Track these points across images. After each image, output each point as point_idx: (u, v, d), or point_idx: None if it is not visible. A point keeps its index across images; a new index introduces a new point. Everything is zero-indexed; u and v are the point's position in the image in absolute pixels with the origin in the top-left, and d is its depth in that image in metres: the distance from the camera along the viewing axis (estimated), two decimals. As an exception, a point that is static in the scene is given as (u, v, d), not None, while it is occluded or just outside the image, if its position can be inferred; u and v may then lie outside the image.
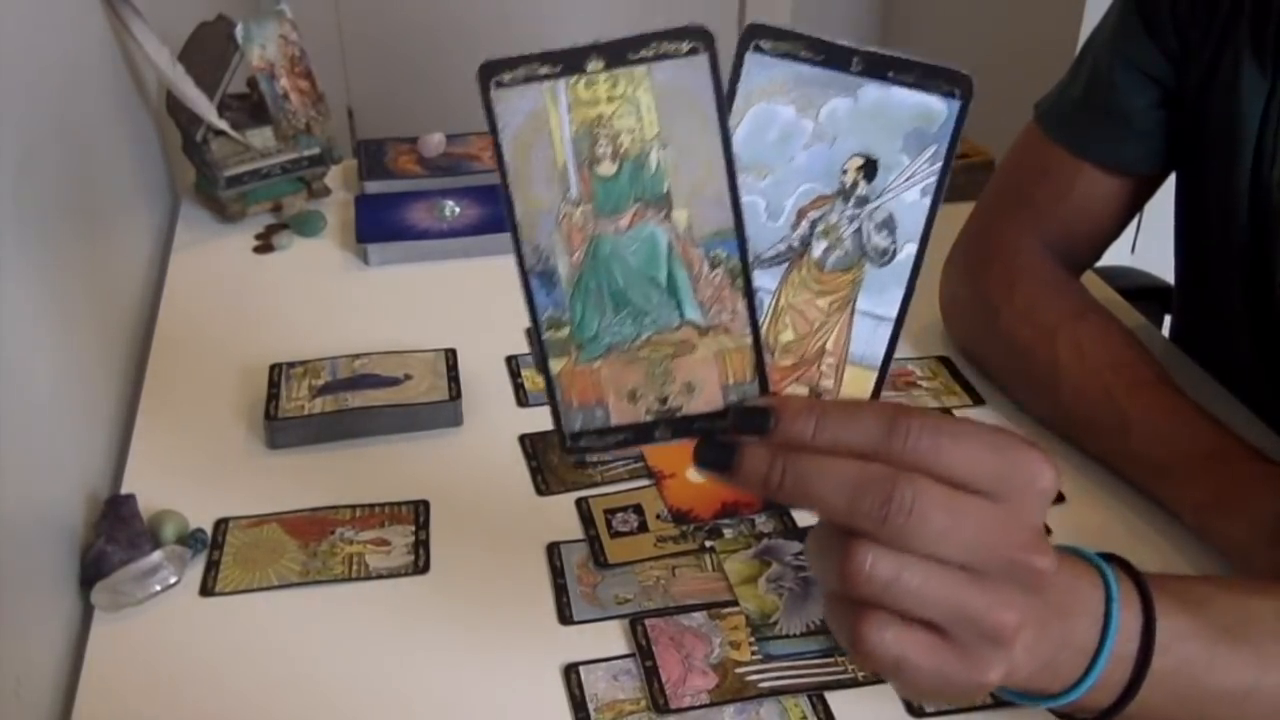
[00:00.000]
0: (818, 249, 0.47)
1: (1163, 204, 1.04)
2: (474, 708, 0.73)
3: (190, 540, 0.83)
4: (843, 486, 0.42)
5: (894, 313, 0.47)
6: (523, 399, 1.00)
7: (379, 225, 1.24)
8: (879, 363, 0.48)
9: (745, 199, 0.45)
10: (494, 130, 0.44)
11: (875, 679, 0.74)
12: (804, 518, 0.87)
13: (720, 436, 0.46)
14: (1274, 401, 0.96)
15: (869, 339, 0.47)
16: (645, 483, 0.90)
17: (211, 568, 0.82)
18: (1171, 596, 0.51)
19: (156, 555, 0.80)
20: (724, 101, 0.44)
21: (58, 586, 0.79)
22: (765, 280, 0.47)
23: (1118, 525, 0.85)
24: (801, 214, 0.46)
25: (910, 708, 0.72)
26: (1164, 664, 0.49)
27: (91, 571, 0.80)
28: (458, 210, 1.25)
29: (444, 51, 2.47)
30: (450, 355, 1.01)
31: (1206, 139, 0.93)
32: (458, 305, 1.13)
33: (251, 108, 1.27)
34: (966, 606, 0.43)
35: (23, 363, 0.80)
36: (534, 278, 0.46)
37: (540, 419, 0.97)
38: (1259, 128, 0.88)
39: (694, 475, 0.91)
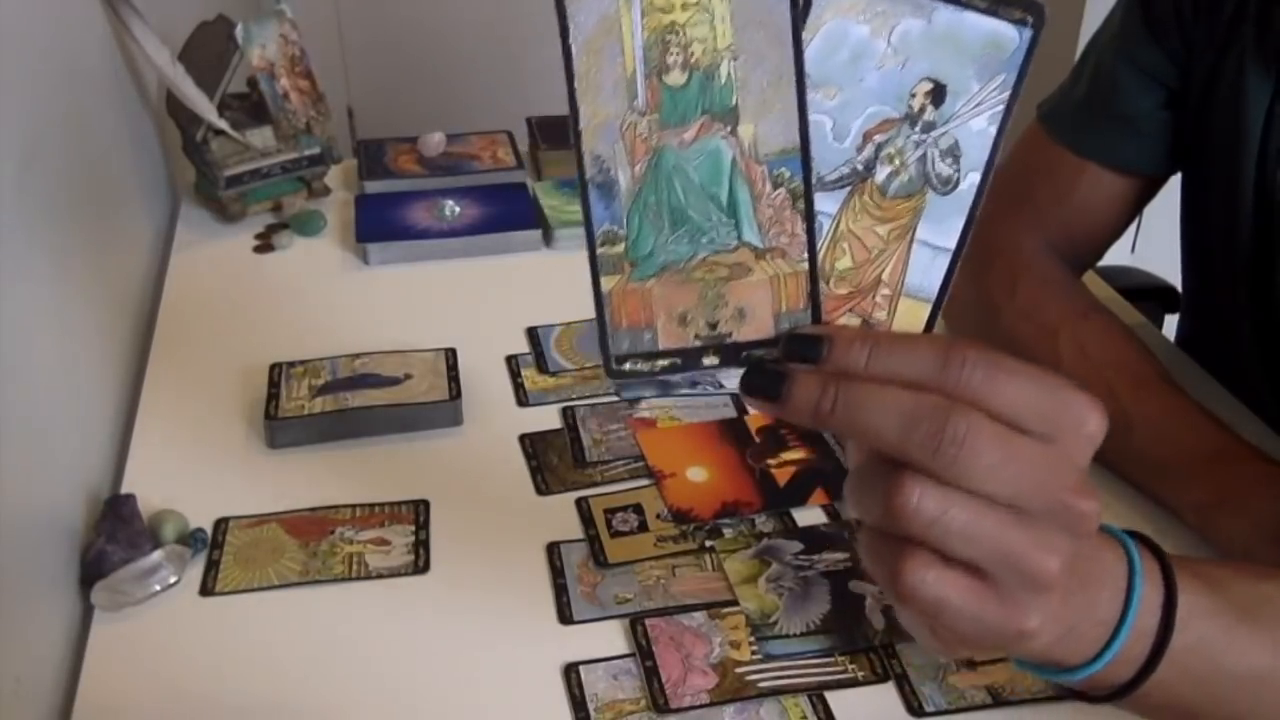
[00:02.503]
0: (881, 174, 0.46)
1: (1163, 204, 1.04)
2: (474, 708, 0.73)
3: (190, 540, 0.83)
4: (895, 416, 0.42)
5: (953, 243, 0.46)
6: (523, 399, 1.00)
7: (379, 225, 1.24)
8: (934, 294, 0.47)
9: (812, 118, 0.44)
10: (564, 33, 0.42)
11: (876, 679, 0.74)
12: (804, 517, 0.87)
13: (770, 364, 0.45)
14: (1277, 403, 0.96)
15: (926, 269, 0.47)
16: (645, 483, 0.90)
17: (211, 567, 0.82)
18: (1192, 575, 0.50)
19: (156, 555, 0.80)
20: (799, 16, 0.43)
21: (58, 586, 0.79)
22: (826, 204, 0.46)
23: (1118, 525, 0.85)
24: (867, 136, 0.45)
25: (910, 707, 0.72)
26: (1183, 641, 0.49)
27: (91, 571, 0.80)
28: (458, 210, 1.25)
29: (444, 51, 2.47)
30: (450, 355, 1.01)
31: (1210, 141, 0.93)
32: (458, 305, 1.13)
33: (251, 108, 1.27)
34: (1011, 547, 0.42)
35: (23, 362, 0.80)
36: (593, 189, 0.44)
37: (540, 419, 0.97)
38: (1263, 130, 0.88)
39: (694, 475, 0.91)
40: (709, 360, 0.46)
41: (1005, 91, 0.45)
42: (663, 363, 0.46)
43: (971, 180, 0.46)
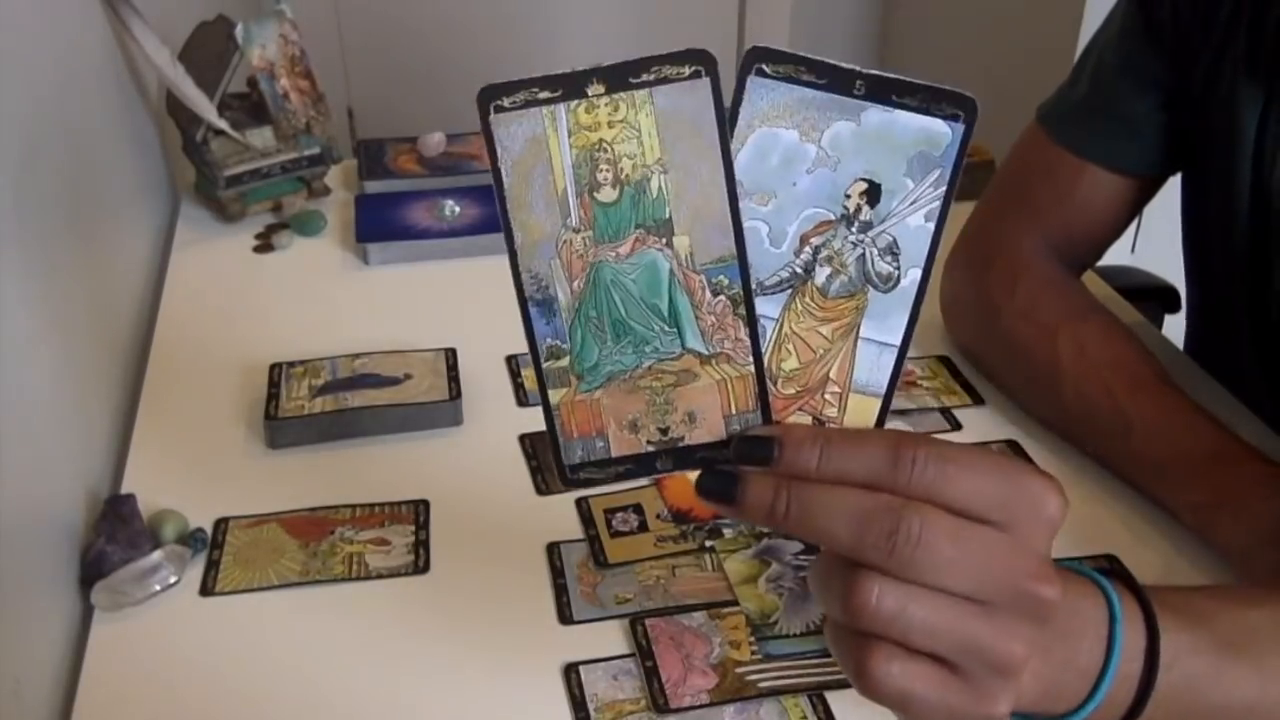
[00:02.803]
0: (821, 275, 0.46)
1: (1163, 204, 1.04)
2: (474, 708, 0.73)
3: (190, 540, 0.83)
4: (848, 518, 0.42)
5: (898, 339, 0.46)
6: (523, 399, 1.00)
7: (379, 225, 1.24)
8: (883, 390, 0.47)
9: (747, 225, 0.45)
10: (493, 156, 0.43)
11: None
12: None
13: (723, 466, 0.45)
14: (1276, 404, 0.96)
15: (873, 366, 0.47)
16: (645, 483, 0.90)
17: (211, 567, 0.82)
18: (1174, 612, 0.50)
19: (156, 555, 0.80)
20: (726, 126, 0.44)
21: (58, 586, 0.79)
22: (768, 308, 0.46)
23: (1118, 525, 0.85)
24: (804, 240, 0.46)
25: (910, 708, 0.72)
26: (1168, 681, 0.49)
27: (91, 571, 0.80)
28: (458, 210, 1.25)
29: (444, 51, 2.47)
30: (450, 355, 1.01)
31: (1208, 142, 0.93)
32: (458, 305, 1.13)
33: (251, 108, 1.27)
34: (974, 638, 0.43)
35: (23, 363, 0.80)
36: (533, 306, 0.45)
37: (540, 419, 0.96)
38: (1257, 135, 0.88)
39: (694, 475, 0.91)
40: (662, 464, 0.46)
41: (941, 186, 0.45)
42: (617, 469, 0.46)
43: (913, 276, 0.46)
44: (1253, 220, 0.90)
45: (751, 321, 0.45)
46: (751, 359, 0.46)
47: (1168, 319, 1.29)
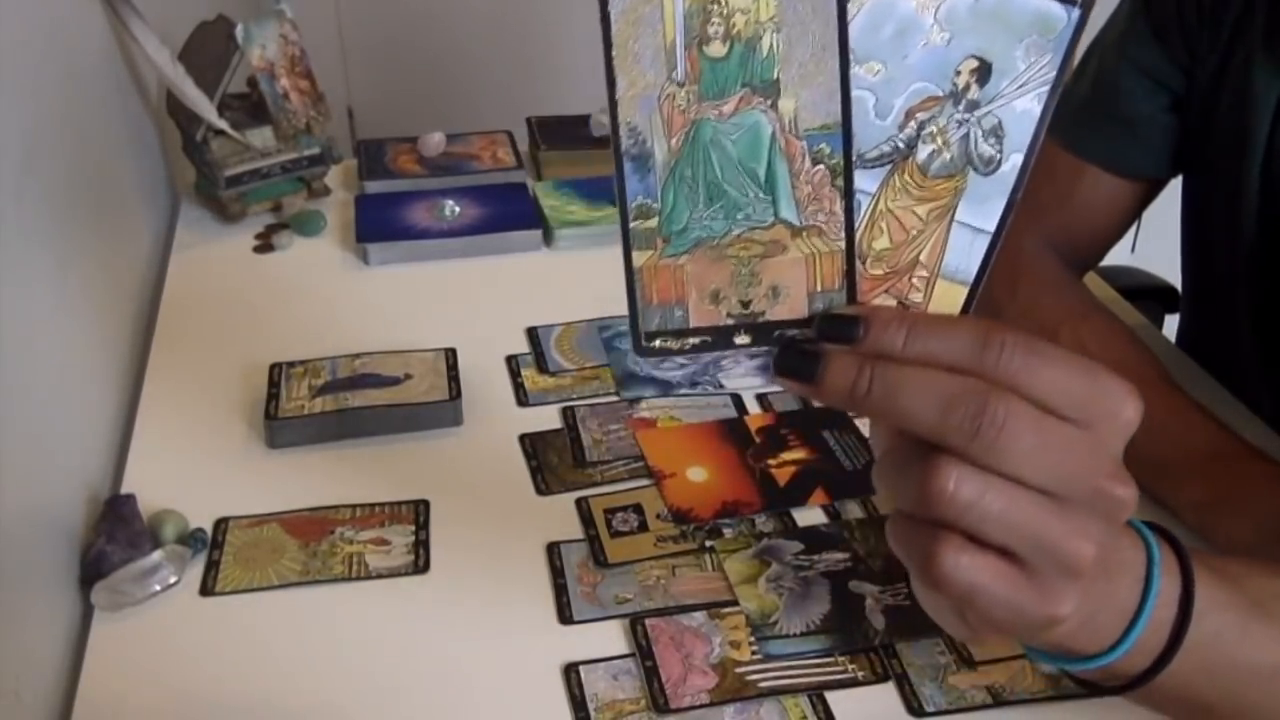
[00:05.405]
0: (923, 152, 0.45)
1: (1163, 204, 1.04)
2: (474, 708, 0.73)
3: (190, 540, 0.83)
4: (933, 399, 0.41)
5: (993, 225, 0.45)
6: (523, 399, 1.00)
7: (379, 225, 1.24)
8: (972, 277, 0.46)
9: (855, 94, 0.43)
10: (603, 1, 0.41)
11: (876, 679, 0.74)
12: (804, 518, 0.87)
13: (805, 344, 0.44)
14: (1277, 403, 0.96)
15: (965, 252, 0.46)
16: (645, 483, 0.90)
17: (211, 567, 0.82)
18: (1208, 569, 0.50)
19: (156, 555, 0.80)
20: None
21: (58, 586, 0.79)
22: (866, 182, 0.45)
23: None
24: (910, 114, 0.45)
25: (910, 707, 0.72)
26: (1200, 632, 0.48)
27: (91, 571, 0.80)
28: (458, 210, 1.25)
29: (444, 51, 2.47)
30: (450, 355, 1.01)
31: (1214, 143, 0.93)
32: (458, 305, 1.13)
33: (251, 108, 1.27)
34: (1048, 533, 0.42)
35: (23, 362, 0.80)
36: (628, 161, 0.43)
37: (540, 419, 0.97)
38: (1270, 128, 0.88)
39: (694, 475, 0.91)
40: (741, 339, 0.45)
41: (1052, 71, 0.44)
42: (693, 340, 0.45)
43: (1014, 161, 0.45)
44: (1261, 216, 0.90)
45: (848, 194, 0.44)
46: (843, 234, 0.44)
47: (1168, 319, 1.29)
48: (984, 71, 0.44)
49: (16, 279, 0.80)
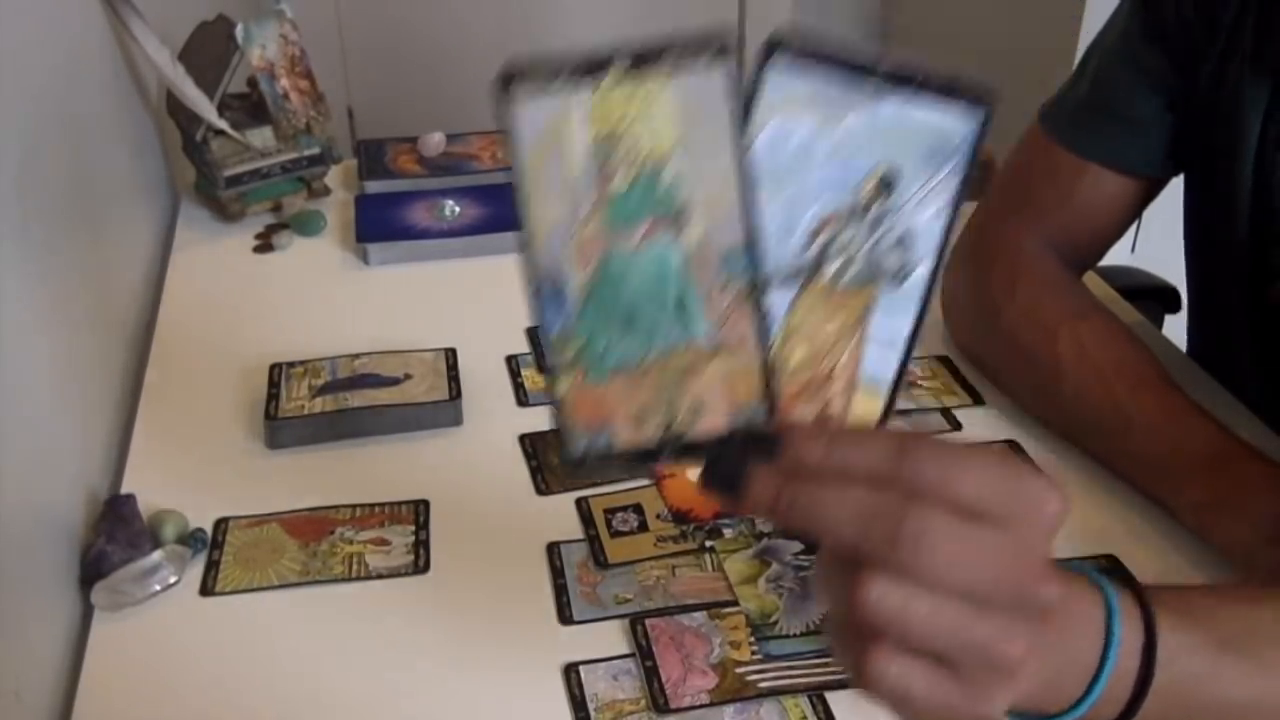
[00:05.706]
0: (831, 268, 0.46)
1: (1163, 204, 1.04)
2: (474, 708, 0.73)
3: (190, 540, 0.83)
4: (852, 515, 0.42)
5: (905, 334, 0.46)
6: (523, 399, 1.00)
7: (379, 225, 1.24)
8: (889, 385, 0.47)
9: (760, 215, 0.44)
10: (510, 140, 0.42)
11: (875, 679, 0.74)
12: (804, 518, 0.87)
13: (727, 461, 0.45)
14: (1277, 404, 0.96)
15: (879, 361, 0.46)
16: (645, 483, 0.90)
17: (211, 568, 0.82)
18: (1172, 610, 0.50)
19: (156, 555, 0.80)
20: (741, 115, 0.43)
21: (58, 586, 0.79)
22: (776, 300, 0.45)
23: (1118, 525, 0.85)
24: (816, 232, 0.45)
25: (910, 708, 0.72)
26: (1166, 678, 0.49)
27: (91, 571, 0.80)
28: (458, 210, 1.25)
29: (444, 51, 2.47)
30: (450, 355, 1.01)
31: (1210, 144, 0.93)
32: (458, 305, 1.13)
33: (251, 108, 1.27)
34: (973, 637, 0.43)
35: (23, 363, 0.80)
36: (544, 294, 0.45)
37: (540, 419, 0.97)
38: (1260, 135, 0.88)
39: (694, 475, 0.91)
40: (666, 457, 0.46)
41: (954, 179, 0.45)
42: (622, 460, 0.46)
43: (922, 271, 0.46)
44: (1253, 220, 0.90)
45: (760, 314, 0.45)
46: (759, 352, 0.45)
47: (1168, 319, 1.29)
48: (887, 185, 0.45)
49: (16, 278, 0.80)
